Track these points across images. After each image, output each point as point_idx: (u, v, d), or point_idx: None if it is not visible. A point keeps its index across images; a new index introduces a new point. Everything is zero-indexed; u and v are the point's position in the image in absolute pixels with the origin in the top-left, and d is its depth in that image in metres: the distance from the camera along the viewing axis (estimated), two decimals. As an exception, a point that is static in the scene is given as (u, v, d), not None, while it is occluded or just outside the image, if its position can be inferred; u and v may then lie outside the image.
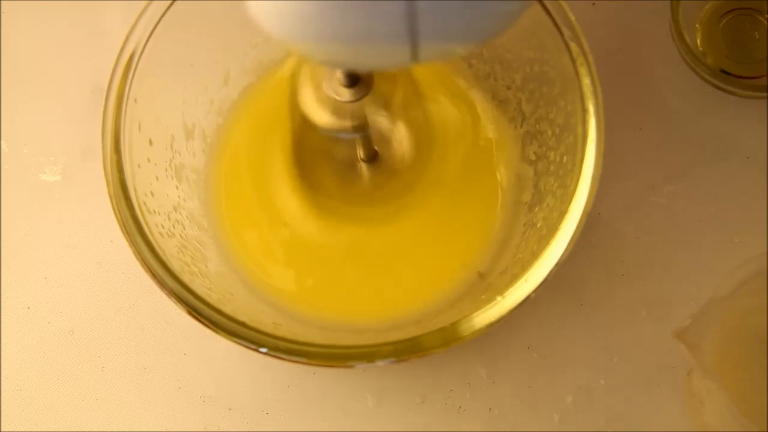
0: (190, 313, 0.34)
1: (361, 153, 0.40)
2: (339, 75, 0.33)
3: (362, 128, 0.36)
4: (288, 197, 0.42)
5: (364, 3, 0.22)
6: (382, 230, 0.42)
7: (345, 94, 0.34)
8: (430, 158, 0.42)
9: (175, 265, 0.35)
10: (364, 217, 0.43)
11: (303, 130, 0.38)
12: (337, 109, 0.35)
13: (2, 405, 0.42)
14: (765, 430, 0.35)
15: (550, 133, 0.39)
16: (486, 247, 0.41)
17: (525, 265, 0.34)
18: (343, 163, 0.42)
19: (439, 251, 0.42)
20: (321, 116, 0.35)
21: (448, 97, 0.44)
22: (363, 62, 0.27)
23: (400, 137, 0.41)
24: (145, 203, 0.36)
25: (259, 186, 0.43)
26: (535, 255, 0.34)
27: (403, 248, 0.42)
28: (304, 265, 0.42)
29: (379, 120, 0.37)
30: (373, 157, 0.41)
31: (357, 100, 0.34)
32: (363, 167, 0.41)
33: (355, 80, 0.34)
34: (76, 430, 0.42)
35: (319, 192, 0.42)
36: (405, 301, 0.41)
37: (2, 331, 0.43)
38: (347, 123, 0.35)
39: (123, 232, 0.35)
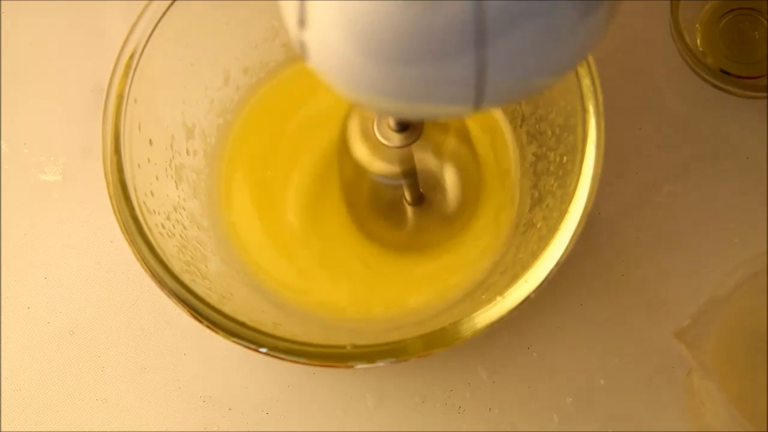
0: (190, 313, 0.34)
1: (407, 196, 0.40)
2: (390, 121, 0.33)
3: (410, 174, 0.36)
4: (266, 227, 0.42)
5: (430, 59, 0.21)
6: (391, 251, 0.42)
7: (395, 139, 0.34)
8: (479, 202, 0.42)
9: (175, 265, 0.35)
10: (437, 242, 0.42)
11: (353, 174, 0.37)
12: (386, 154, 0.34)
13: (2, 405, 0.42)
14: (765, 430, 0.35)
15: (550, 133, 0.39)
16: (490, 250, 0.41)
17: (525, 265, 0.34)
18: (389, 205, 0.41)
19: (444, 257, 0.42)
20: (370, 160, 0.35)
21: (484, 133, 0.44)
22: (423, 116, 0.26)
23: (448, 182, 0.40)
24: (145, 203, 0.36)
25: (259, 186, 0.43)
26: (535, 255, 0.34)
27: (408, 260, 0.42)
28: (304, 266, 0.42)
29: (428, 165, 0.37)
30: (419, 200, 0.41)
31: (407, 145, 0.34)
32: (409, 210, 0.41)
33: (405, 126, 0.33)
34: (76, 430, 0.42)
35: (366, 232, 0.42)
36: (405, 301, 0.41)
37: (2, 331, 0.43)
38: (395, 168, 0.35)
39: (123, 232, 0.35)
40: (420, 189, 0.40)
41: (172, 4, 0.37)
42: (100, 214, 0.45)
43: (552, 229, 0.35)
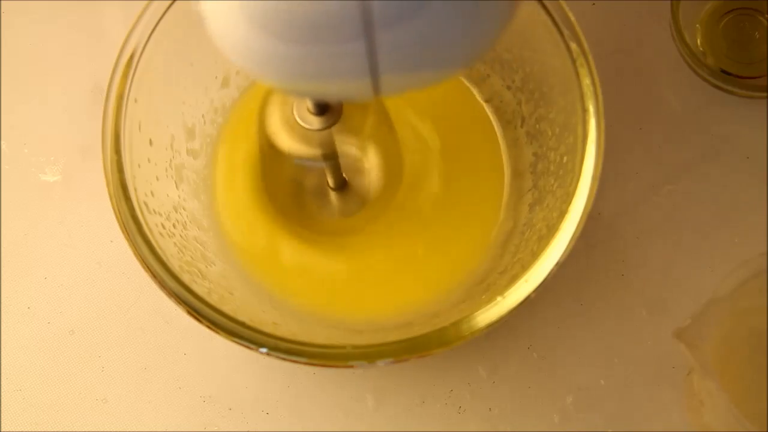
0: (190, 313, 0.34)
1: (330, 181, 0.40)
2: (308, 103, 0.33)
3: (331, 156, 0.36)
4: (261, 225, 0.42)
5: (322, 44, 0.22)
6: (381, 237, 0.42)
7: (314, 122, 0.33)
8: (402, 184, 0.42)
9: (175, 265, 0.35)
10: (360, 226, 0.42)
11: (271, 157, 0.37)
12: (305, 137, 0.34)
13: (2, 405, 0.42)
14: (765, 430, 0.35)
15: (550, 133, 0.39)
16: (486, 248, 0.41)
17: (525, 265, 0.34)
18: (313, 191, 0.41)
19: (439, 254, 0.42)
20: (289, 144, 0.34)
21: (443, 104, 0.44)
22: (326, 95, 0.27)
23: (370, 165, 0.40)
24: (145, 203, 0.36)
25: (258, 186, 0.43)
26: (535, 255, 0.34)
27: (402, 250, 0.42)
28: (304, 266, 0.42)
29: (349, 148, 0.37)
30: (342, 185, 0.41)
31: (326, 128, 0.34)
32: (332, 195, 0.41)
33: (324, 108, 0.33)
34: (76, 430, 0.42)
35: (290, 220, 0.42)
36: (405, 302, 0.41)
37: (2, 331, 0.43)
38: (316, 151, 0.35)
39: (123, 232, 0.35)
40: (342, 173, 0.39)
41: (172, 4, 0.37)
42: (100, 214, 0.44)
43: (552, 229, 0.35)
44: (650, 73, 0.46)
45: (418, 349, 0.33)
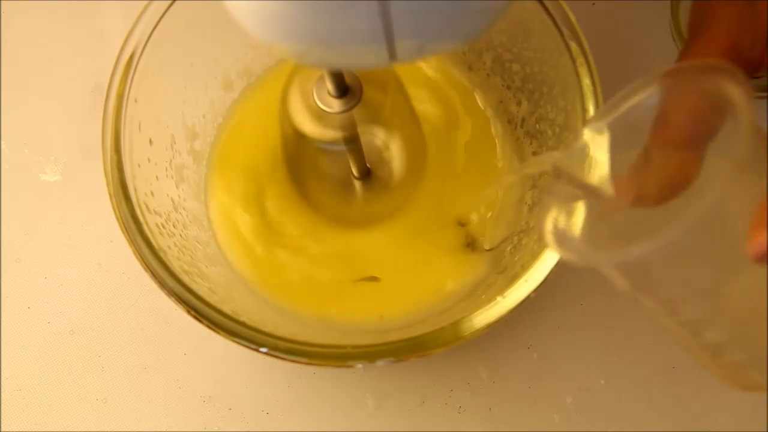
0: (190, 313, 0.34)
1: (353, 170, 0.40)
2: (329, 85, 0.33)
3: (353, 140, 0.36)
4: (282, 212, 0.42)
5: (337, 4, 0.22)
6: (380, 235, 0.42)
7: (334, 105, 0.34)
8: (425, 171, 0.42)
9: (175, 265, 0.35)
10: (362, 224, 0.42)
11: (294, 142, 0.38)
12: (327, 119, 0.34)
13: (2, 405, 0.42)
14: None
15: (550, 133, 0.39)
16: (486, 254, 0.41)
17: (525, 265, 0.34)
18: (337, 179, 0.41)
19: (438, 254, 0.42)
20: (311, 127, 0.35)
21: (443, 102, 0.44)
22: (343, 62, 0.27)
23: (393, 152, 0.40)
24: (145, 203, 0.36)
25: (257, 187, 0.43)
26: (535, 255, 0.34)
27: (401, 250, 0.42)
28: (303, 266, 0.42)
29: (371, 137, 0.37)
30: (365, 174, 0.41)
31: (346, 110, 0.34)
32: (357, 185, 0.41)
33: (344, 90, 0.33)
34: (76, 430, 0.42)
35: (314, 208, 0.42)
36: (405, 302, 0.41)
37: (2, 331, 0.43)
38: (337, 134, 0.35)
39: (123, 232, 0.35)
40: (365, 161, 0.40)
41: (172, 4, 0.37)
42: (100, 214, 0.45)
43: (552, 229, 0.34)
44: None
45: (418, 349, 0.33)
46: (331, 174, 0.41)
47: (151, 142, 0.38)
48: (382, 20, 0.22)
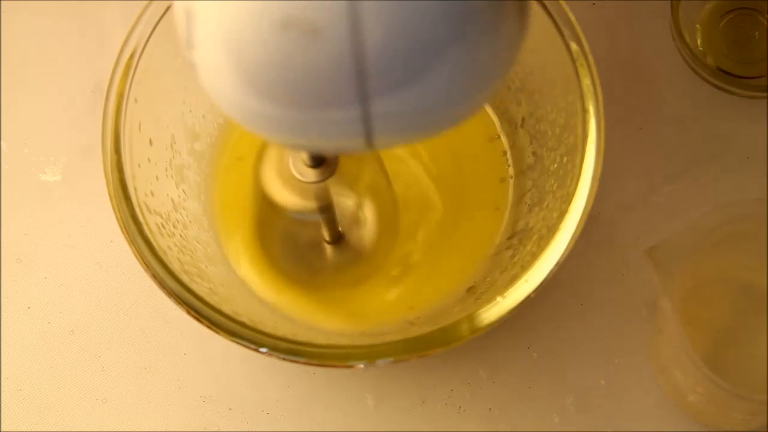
0: (190, 313, 0.34)
1: (325, 235, 0.40)
2: (304, 156, 0.33)
3: (327, 209, 0.36)
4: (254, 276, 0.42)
5: (317, 109, 0.22)
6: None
7: (310, 175, 0.33)
8: (397, 237, 0.42)
9: (175, 265, 0.35)
10: (357, 280, 0.42)
11: (266, 211, 0.37)
12: (301, 189, 0.34)
13: (2, 405, 0.42)
14: (712, 369, 0.35)
15: (550, 133, 0.39)
16: (488, 252, 0.41)
17: (525, 265, 0.34)
18: (308, 245, 0.41)
19: (440, 259, 0.42)
20: (285, 197, 0.34)
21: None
22: (319, 149, 0.27)
23: (366, 218, 0.40)
24: (145, 203, 0.36)
25: (257, 187, 0.43)
26: (535, 255, 0.34)
27: (403, 252, 0.42)
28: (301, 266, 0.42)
29: (345, 201, 0.37)
30: (338, 239, 0.40)
31: (322, 180, 0.33)
32: (328, 249, 0.41)
33: (320, 161, 0.33)
34: (76, 430, 0.42)
35: (286, 275, 0.42)
36: (405, 303, 0.41)
37: (2, 331, 0.43)
38: (312, 204, 0.35)
39: (123, 232, 0.35)
40: (338, 226, 0.39)
41: (172, 4, 0.37)
42: (100, 214, 0.44)
43: (552, 229, 0.34)
44: (650, 73, 0.46)
45: (418, 349, 0.33)
46: (303, 240, 0.41)
47: (151, 142, 0.38)
48: (363, 126, 0.22)
